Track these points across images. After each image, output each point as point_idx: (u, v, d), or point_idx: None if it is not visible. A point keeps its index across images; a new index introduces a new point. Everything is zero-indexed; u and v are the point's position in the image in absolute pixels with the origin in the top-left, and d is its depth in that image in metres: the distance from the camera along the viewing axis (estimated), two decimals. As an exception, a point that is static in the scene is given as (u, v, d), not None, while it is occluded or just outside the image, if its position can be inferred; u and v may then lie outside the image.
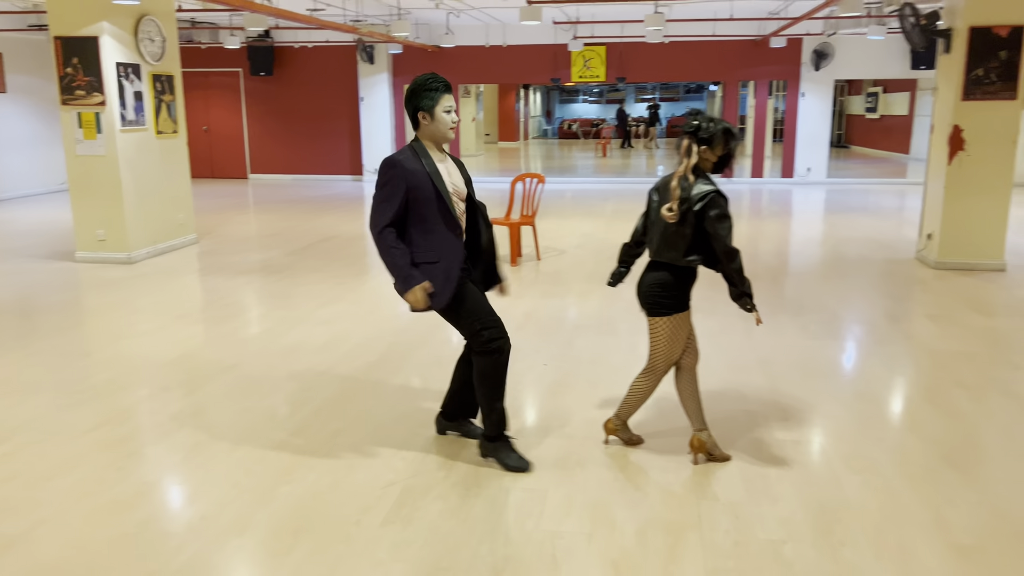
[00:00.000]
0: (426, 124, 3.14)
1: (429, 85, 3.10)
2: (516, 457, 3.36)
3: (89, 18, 7.28)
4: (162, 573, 2.62)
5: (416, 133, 3.20)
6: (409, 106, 3.15)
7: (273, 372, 4.59)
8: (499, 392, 3.30)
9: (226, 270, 7.37)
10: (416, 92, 3.12)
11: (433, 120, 3.13)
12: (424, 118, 3.13)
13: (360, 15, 11.71)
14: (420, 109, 3.12)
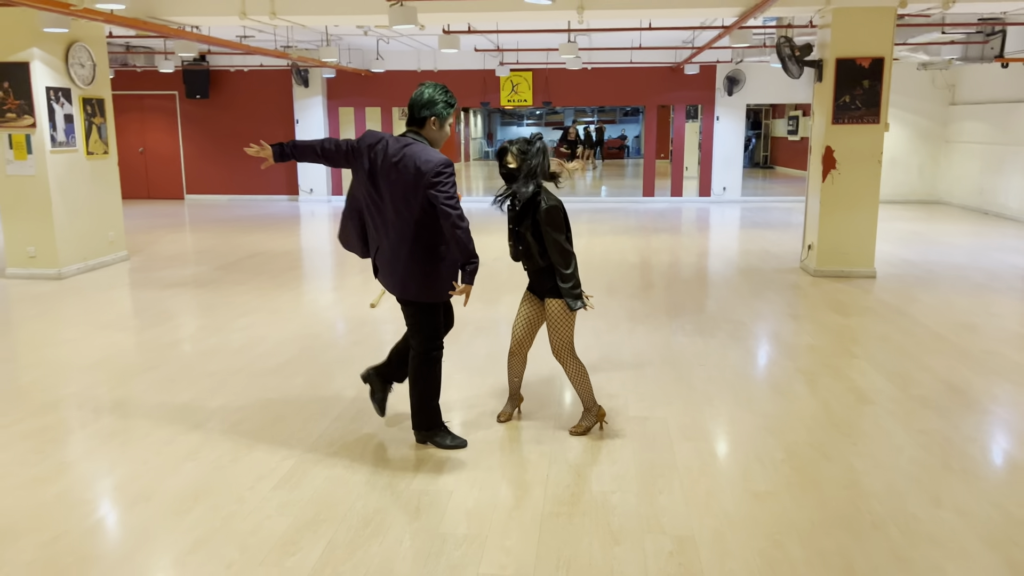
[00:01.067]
0: (435, 129, 3.56)
1: (450, 101, 3.58)
2: (452, 437, 3.81)
3: (20, 44, 7.61)
4: (75, 531, 3.04)
5: (418, 130, 3.54)
6: (425, 110, 3.51)
7: (190, 372, 5.00)
8: (435, 392, 3.76)
9: (154, 284, 7.71)
10: (436, 102, 3.52)
11: (440, 128, 3.58)
12: (434, 123, 3.55)
13: (291, 41, 12.16)
14: (436, 116, 3.54)
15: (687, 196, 15.57)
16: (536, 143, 3.73)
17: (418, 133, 3.56)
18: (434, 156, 3.45)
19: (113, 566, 2.80)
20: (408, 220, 3.48)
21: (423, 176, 3.39)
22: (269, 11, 7.88)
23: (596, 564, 2.82)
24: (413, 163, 3.41)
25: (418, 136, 3.54)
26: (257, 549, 2.91)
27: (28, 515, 3.15)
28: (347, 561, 2.83)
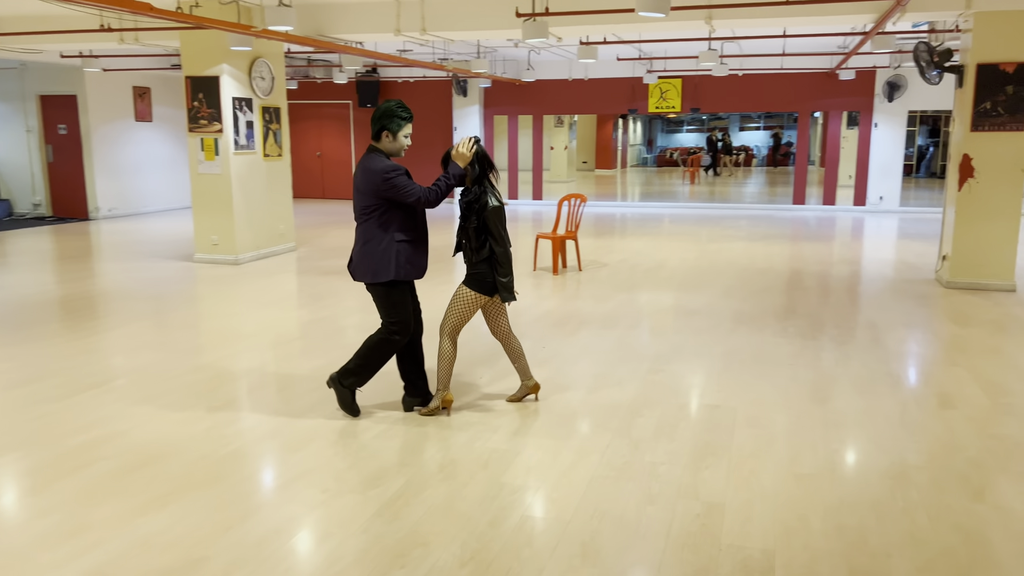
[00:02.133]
0: (389, 141, 4.05)
1: (402, 115, 4.04)
2: (349, 403, 4.24)
3: (213, 61, 8.87)
4: (213, 456, 3.78)
5: (375, 144, 4.07)
6: (378, 124, 4.03)
7: (328, 343, 5.78)
8: (372, 365, 4.20)
9: (313, 271, 8.72)
10: (387, 115, 4.02)
11: (394, 140, 4.07)
12: (387, 136, 4.04)
13: (448, 54, 13.06)
14: (387, 129, 4.04)
15: (841, 205, 15.09)
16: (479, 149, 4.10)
17: (375, 146, 4.08)
18: (378, 165, 3.97)
19: (238, 482, 3.50)
20: (361, 219, 4.08)
21: (371, 184, 3.96)
22: (420, 28, 8.69)
23: (627, 517, 3.19)
24: (362, 174, 4.03)
25: (375, 149, 4.06)
26: (348, 481, 3.52)
27: (182, 442, 3.95)
28: (418, 495, 3.37)
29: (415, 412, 4.35)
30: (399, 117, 4.04)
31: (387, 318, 4.20)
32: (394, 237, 4.08)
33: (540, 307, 6.97)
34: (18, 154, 13.98)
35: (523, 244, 10.78)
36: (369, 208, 4.06)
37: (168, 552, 2.91)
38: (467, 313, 4.26)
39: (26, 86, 13.67)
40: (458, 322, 4.27)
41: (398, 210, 4.05)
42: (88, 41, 9.86)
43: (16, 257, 9.85)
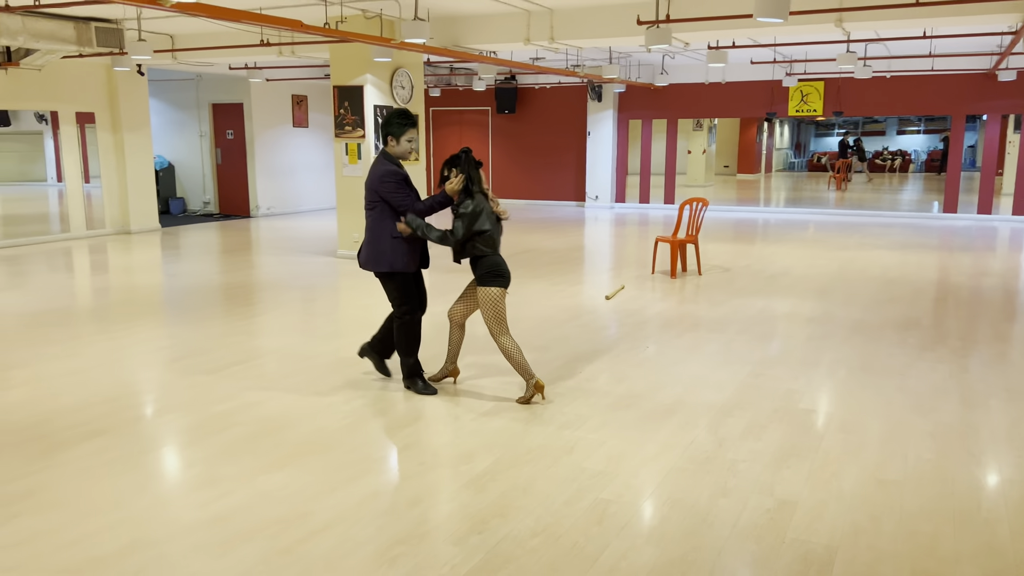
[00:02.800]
0: (394, 145, 4.53)
1: (403, 122, 4.50)
2: (424, 386, 4.75)
3: (357, 71, 9.57)
4: (330, 428, 4.23)
5: (385, 149, 4.56)
6: (383, 131, 4.54)
7: (441, 334, 6.19)
8: (409, 349, 4.74)
9: (440, 269, 9.21)
10: (390, 123, 4.50)
11: (398, 144, 4.52)
12: (392, 141, 4.51)
13: (581, 60, 13.32)
14: (390, 134, 4.51)
15: (1000, 214, 14.11)
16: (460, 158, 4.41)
17: (383, 151, 4.57)
18: (380, 169, 4.48)
19: (347, 451, 3.92)
20: (366, 211, 4.60)
21: (372, 182, 4.50)
22: (548, 37, 9.01)
23: (698, 506, 3.33)
24: (369, 172, 4.56)
25: (385, 154, 4.56)
26: (443, 456, 3.86)
27: (304, 415, 4.43)
28: (503, 473, 3.66)
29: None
30: (399, 123, 4.52)
31: (395, 304, 4.75)
32: (391, 232, 4.55)
33: (652, 309, 7.10)
34: (192, 157, 15.50)
35: (643, 248, 10.87)
36: (371, 203, 4.58)
37: (282, 505, 3.34)
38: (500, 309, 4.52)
39: (200, 95, 15.14)
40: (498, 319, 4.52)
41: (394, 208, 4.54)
42: (251, 54, 10.87)
43: (187, 249, 11.00)
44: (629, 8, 8.37)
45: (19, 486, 3.51)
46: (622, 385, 4.96)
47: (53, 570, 2.83)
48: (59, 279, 8.88)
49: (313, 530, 3.13)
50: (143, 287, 8.26)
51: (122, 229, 12.53)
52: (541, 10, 8.92)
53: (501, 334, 4.53)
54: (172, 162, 15.63)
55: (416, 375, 4.82)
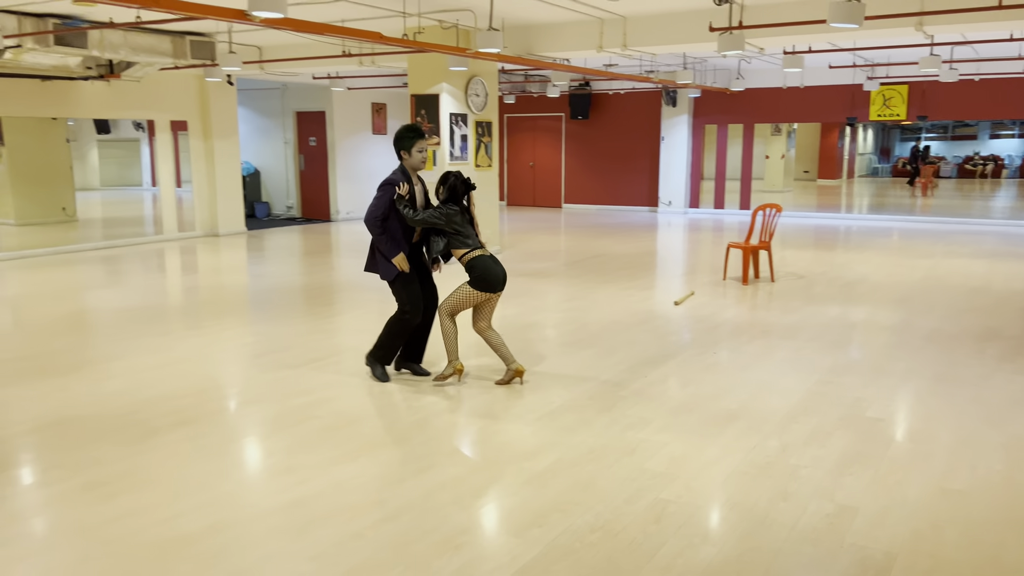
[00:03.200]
0: (407, 158, 4.89)
1: (411, 135, 4.87)
2: (381, 374, 5.12)
3: (434, 80, 9.84)
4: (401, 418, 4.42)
5: (401, 162, 4.92)
6: (396, 146, 4.91)
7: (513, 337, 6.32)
8: (392, 342, 5.07)
9: (510, 273, 9.36)
10: (400, 139, 4.89)
11: (411, 156, 4.88)
12: (404, 154, 4.88)
13: (655, 66, 13.31)
14: (403, 148, 4.88)
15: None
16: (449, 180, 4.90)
17: (401, 165, 4.93)
18: (384, 179, 4.86)
19: (417, 445, 4.10)
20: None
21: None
22: (621, 44, 9.09)
23: (757, 509, 3.38)
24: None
25: (401, 168, 4.92)
26: (508, 453, 4.00)
27: (377, 409, 4.64)
28: (565, 470, 3.77)
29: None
30: (409, 137, 4.89)
31: (399, 303, 5.05)
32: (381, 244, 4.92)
33: (722, 315, 7.09)
34: (277, 163, 16.13)
35: (716, 253, 10.80)
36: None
37: (354, 493, 3.53)
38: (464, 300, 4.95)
39: (285, 104, 15.76)
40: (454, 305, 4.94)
41: (395, 218, 4.87)
42: (334, 65, 11.30)
43: (271, 251, 11.49)
44: (701, 15, 8.37)
45: (118, 467, 3.81)
46: (687, 389, 5.00)
47: (147, 545, 3.09)
48: (153, 278, 9.43)
49: (383, 517, 3.31)
50: (230, 287, 8.70)
51: (211, 232, 13.15)
52: (614, 18, 9.00)
53: (448, 315, 4.97)
54: (258, 168, 16.30)
55: (380, 362, 5.16)
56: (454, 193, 4.91)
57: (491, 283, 4.94)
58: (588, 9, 8.55)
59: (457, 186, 4.91)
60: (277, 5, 5.51)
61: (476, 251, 4.94)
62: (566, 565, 2.95)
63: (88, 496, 3.50)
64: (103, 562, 2.96)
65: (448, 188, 4.91)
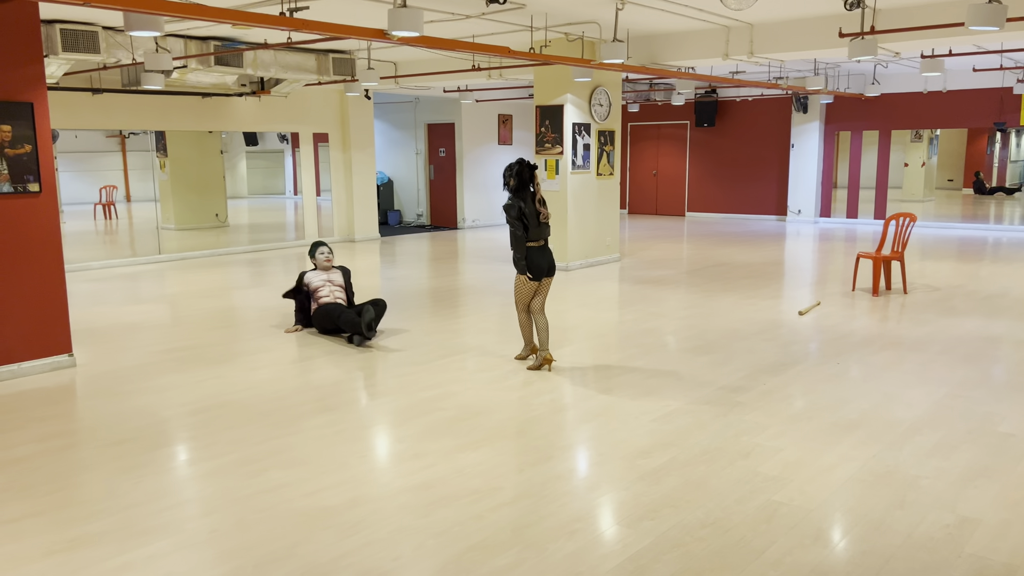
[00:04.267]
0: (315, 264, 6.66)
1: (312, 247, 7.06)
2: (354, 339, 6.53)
3: (558, 91, 10.09)
4: (518, 418, 4.65)
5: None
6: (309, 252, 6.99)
7: (627, 341, 6.46)
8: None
9: (631, 280, 9.49)
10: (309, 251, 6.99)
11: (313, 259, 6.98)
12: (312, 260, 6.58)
13: (784, 72, 13.05)
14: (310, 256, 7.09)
15: None
16: (514, 167, 5.39)
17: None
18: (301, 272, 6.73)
19: (536, 438, 4.31)
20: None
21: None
22: (748, 51, 9.03)
23: (872, 516, 3.38)
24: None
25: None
26: (621, 450, 4.15)
27: (498, 404, 4.89)
28: (678, 469, 3.88)
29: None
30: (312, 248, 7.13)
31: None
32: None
33: (848, 326, 6.94)
34: (409, 173, 16.86)
35: (846, 264, 10.48)
36: None
37: (476, 479, 3.78)
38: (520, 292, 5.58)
39: (418, 116, 16.46)
40: (519, 298, 5.62)
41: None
42: (464, 78, 11.77)
43: (403, 256, 12.07)
44: (831, 20, 8.21)
45: (268, 447, 4.23)
46: (807, 398, 4.98)
47: (294, 514, 3.45)
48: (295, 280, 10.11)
49: (502, 502, 3.54)
50: (365, 288, 9.23)
51: (347, 237, 13.93)
52: (740, 25, 8.96)
53: (519, 310, 5.68)
54: (391, 178, 17.09)
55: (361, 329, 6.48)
56: (521, 179, 5.37)
57: (535, 272, 5.50)
58: (713, 17, 8.57)
59: (523, 171, 5.39)
60: (414, 24, 5.90)
61: (528, 243, 5.46)
62: (675, 556, 3.08)
63: (242, 470, 3.92)
64: (258, 527, 3.34)
65: (515, 175, 5.37)
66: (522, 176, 5.41)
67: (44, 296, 5.64)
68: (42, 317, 5.64)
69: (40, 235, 5.58)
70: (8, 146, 5.37)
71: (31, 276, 5.57)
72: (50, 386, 5.35)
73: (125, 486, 3.73)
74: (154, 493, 3.65)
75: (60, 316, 5.73)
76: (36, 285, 5.60)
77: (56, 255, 5.69)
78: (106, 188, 17.44)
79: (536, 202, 5.45)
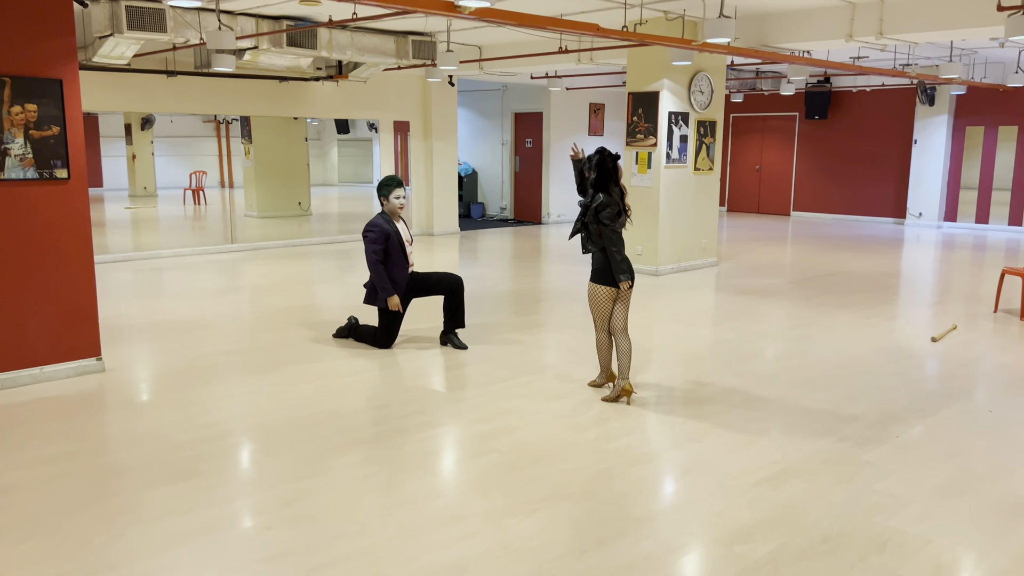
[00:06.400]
0: (385, 204, 5.82)
1: (382, 184, 5.80)
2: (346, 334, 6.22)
3: (654, 76, 9.11)
4: (589, 470, 3.80)
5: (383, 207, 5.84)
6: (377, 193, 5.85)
7: (726, 367, 5.50)
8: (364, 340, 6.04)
9: (729, 289, 8.45)
10: (378, 188, 5.82)
11: (388, 203, 5.78)
12: (383, 201, 5.81)
13: (912, 58, 11.61)
14: (381, 196, 5.82)
15: None
16: (594, 158, 4.63)
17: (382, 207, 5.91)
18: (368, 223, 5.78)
19: (605, 502, 3.45)
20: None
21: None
22: (876, 31, 7.82)
23: None
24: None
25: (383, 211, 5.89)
26: (716, 528, 3.24)
27: (563, 448, 4.05)
28: (790, 566, 2.95)
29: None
30: (379, 188, 5.83)
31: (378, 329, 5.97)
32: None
33: (996, 358, 5.77)
34: (494, 164, 16.14)
35: (981, 278, 9.12)
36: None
37: (525, 562, 2.96)
38: (602, 306, 4.74)
39: (505, 105, 15.70)
40: (598, 316, 4.78)
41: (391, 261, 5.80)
42: (551, 62, 10.90)
43: (482, 253, 11.34)
44: (984, -8, 6.95)
45: (283, 492, 3.52)
46: (956, 460, 3.94)
47: (289, 598, 2.71)
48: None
49: (555, 601, 2.71)
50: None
51: (426, 231, 13.31)
52: (868, 1, 7.77)
53: (597, 329, 4.85)
54: (476, 168, 16.41)
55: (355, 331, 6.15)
56: (603, 169, 4.62)
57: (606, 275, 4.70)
58: (838, -8, 7.43)
59: (605, 160, 4.64)
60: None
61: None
62: None
63: (242, 527, 3.23)
64: (239, 615, 2.62)
65: (596, 165, 4.62)
66: (604, 167, 4.61)
67: (71, 294, 5.13)
68: (69, 317, 5.13)
69: (68, 227, 5.06)
70: (34, 127, 4.86)
71: (57, 272, 5.06)
72: (69, 394, 4.83)
73: (101, 540, 3.09)
74: (130, 553, 2.99)
75: (88, 316, 5.22)
76: (63, 282, 5.09)
77: (86, 249, 5.16)
78: (196, 174, 17.43)
79: (623, 198, 4.67)
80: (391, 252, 5.79)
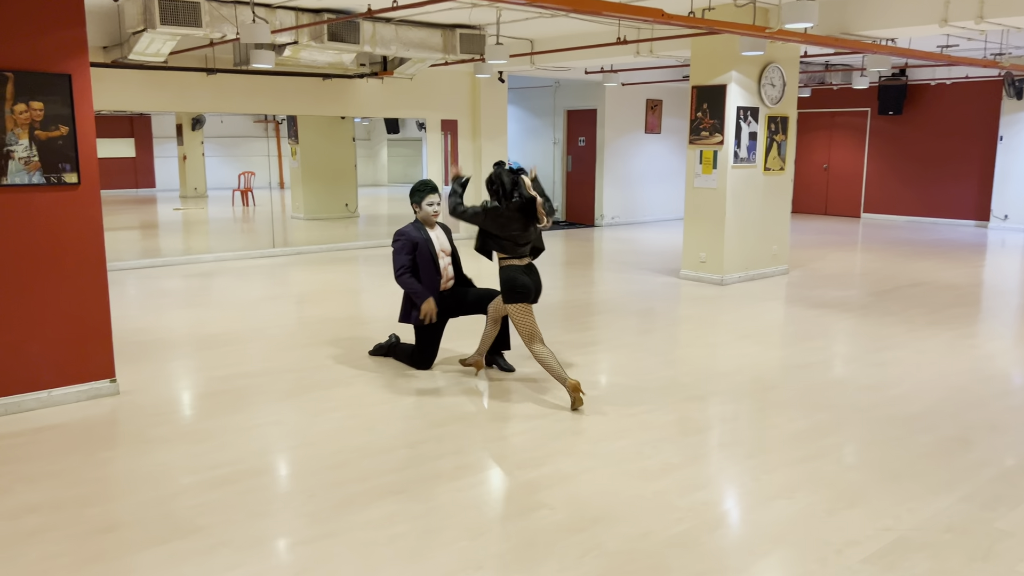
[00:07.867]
0: (417, 211, 5.31)
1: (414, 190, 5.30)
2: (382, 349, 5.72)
3: (721, 69, 8.37)
4: (660, 535, 3.16)
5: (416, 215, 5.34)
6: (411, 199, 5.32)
7: (808, 399, 4.79)
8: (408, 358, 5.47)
9: (803, 302, 7.68)
10: (411, 195, 5.30)
11: (420, 210, 5.28)
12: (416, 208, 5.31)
13: (1005, 47, 10.61)
14: (413, 202, 5.31)
15: None
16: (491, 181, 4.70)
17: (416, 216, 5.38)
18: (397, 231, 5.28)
19: (708, 554, 2.82)
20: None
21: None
22: (975, 15, 6.98)
23: None
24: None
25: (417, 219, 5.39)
26: (823, 624, 2.58)
27: (628, 503, 3.42)
28: None
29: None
30: (411, 194, 5.31)
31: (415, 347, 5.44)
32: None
33: None
34: (545, 164, 15.51)
35: (1096, 292, 8.18)
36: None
37: (582, 669, 2.35)
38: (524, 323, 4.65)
39: (557, 102, 15.06)
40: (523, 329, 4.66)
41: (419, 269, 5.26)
42: (607, 56, 10.23)
43: (527, 258, 10.72)
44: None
45: (288, 559, 2.98)
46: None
47: None
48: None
49: None
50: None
51: (471, 234, 12.74)
52: (967, -19, 6.93)
53: (531, 344, 4.65)
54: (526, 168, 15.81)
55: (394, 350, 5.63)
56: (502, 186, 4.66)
57: (523, 291, 4.64)
58: (932, -29, 6.62)
59: (502, 175, 4.68)
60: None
61: (510, 260, 4.70)
62: None
63: (242, 604, 2.68)
64: None
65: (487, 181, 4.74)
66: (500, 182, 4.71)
67: (81, 311, 4.68)
68: (79, 336, 4.68)
69: (78, 236, 4.62)
70: (40, 127, 4.42)
71: (66, 286, 4.61)
72: (74, 423, 4.37)
73: (71, 622, 2.57)
74: (101, 644, 2.46)
75: (101, 335, 4.76)
76: (72, 297, 4.64)
77: (98, 260, 4.71)
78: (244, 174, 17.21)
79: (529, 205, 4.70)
80: (419, 263, 5.24)
